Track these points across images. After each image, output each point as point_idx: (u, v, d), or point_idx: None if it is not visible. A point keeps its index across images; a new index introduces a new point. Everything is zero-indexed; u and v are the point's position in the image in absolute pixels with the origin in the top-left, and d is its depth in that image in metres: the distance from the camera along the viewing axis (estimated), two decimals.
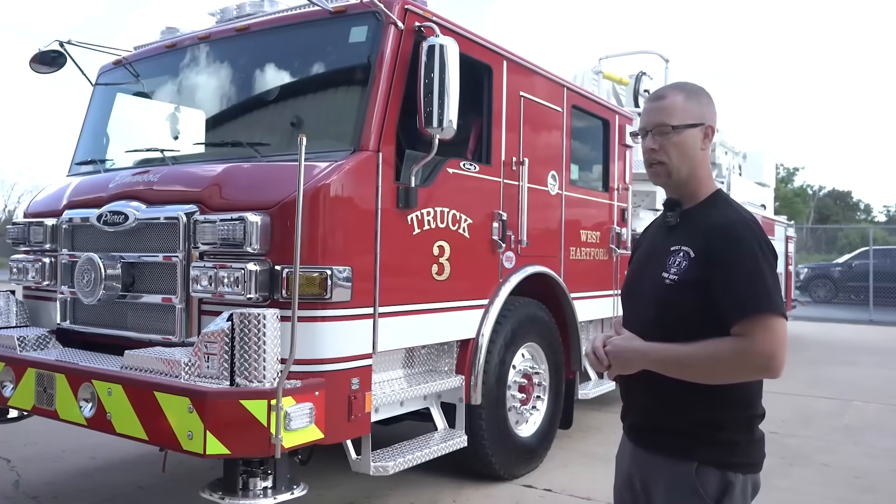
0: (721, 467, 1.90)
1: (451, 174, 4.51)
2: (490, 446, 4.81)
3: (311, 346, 3.57)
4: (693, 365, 1.88)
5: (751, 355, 1.80)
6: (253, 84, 4.51)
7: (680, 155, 2.03)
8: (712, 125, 2.05)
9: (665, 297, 1.99)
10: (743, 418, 1.95)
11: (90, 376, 3.71)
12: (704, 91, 2.09)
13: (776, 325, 1.81)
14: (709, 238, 1.92)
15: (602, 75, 8.39)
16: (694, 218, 2.02)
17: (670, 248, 2.01)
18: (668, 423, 2.00)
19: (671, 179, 2.06)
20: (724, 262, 1.87)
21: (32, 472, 5.13)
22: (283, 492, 3.46)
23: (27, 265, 4.75)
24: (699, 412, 1.93)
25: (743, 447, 1.94)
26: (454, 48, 3.96)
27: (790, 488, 5.02)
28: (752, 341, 1.80)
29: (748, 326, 1.81)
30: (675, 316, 1.96)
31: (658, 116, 2.04)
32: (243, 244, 3.61)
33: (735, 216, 1.96)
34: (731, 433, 1.92)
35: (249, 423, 3.23)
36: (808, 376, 9.89)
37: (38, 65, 5.07)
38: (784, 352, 1.81)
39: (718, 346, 1.83)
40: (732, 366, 1.83)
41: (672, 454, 1.97)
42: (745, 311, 1.81)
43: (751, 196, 12.87)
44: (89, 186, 4.66)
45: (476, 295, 4.76)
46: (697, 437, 1.93)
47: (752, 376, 1.88)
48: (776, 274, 1.89)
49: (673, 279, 1.97)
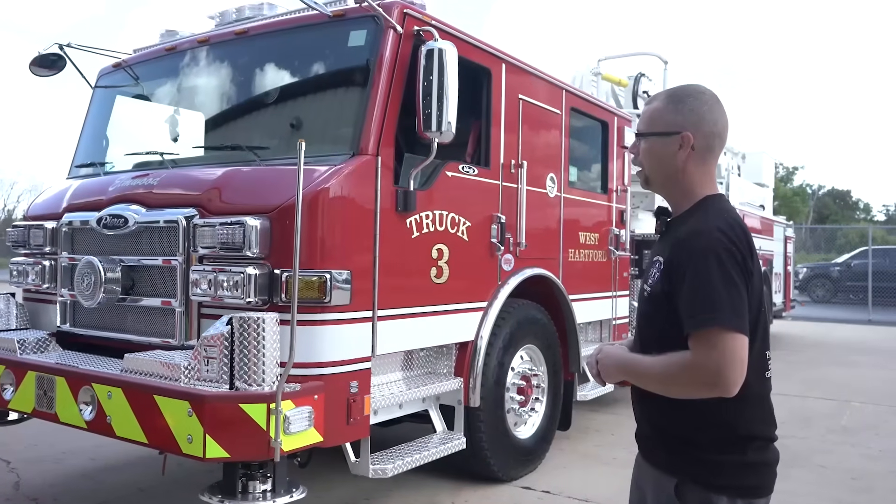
0: (705, 487, 1.84)
1: (450, 177, 4.52)
2: (488, 448, 4.83)
3: (311, 350, 3.58)
4: (651, 377, 1.88)
5: (697, 371, 1.74)
6: (252, 87, 4.52)
7: (651, 162, 2.02)
8: (690, 134, 1.93)
9: (643, 309, 2.00)
10: (727, 439, 1.85)
11: (90, 379, 3.73)
12: (696, 98, 1.96)
13: (724, 341, 1.71)
14: (674, 248, 1.87)
15: (601, 77, 8.40)
16: (674, 227, 1.99)
17: (653, 258, 2.01)
18: (655, 436, 2.00)
19: (650, 186, 2.07)
20: (680, 273, 1.81)
21: (33, 474, 5.14)
22: (283, 495, 3.47)
23: (27, 268, 4.76)
24: (678, 428, 1.90)
25: (730, 469, 1.85)
26: (453, 52, 3.98)
27: (786, 490, 5.02)
28: (698, 357, 1.74)
29: (695, 341, 1.75)
30: (650, 328, 1.96)
31: (640, 122, 2.08)
32: (243, 248, 3.62)
33: (703, 225, 1.85)
34: (714, 454, 1.85)
35: (249, 426, 3.24)
36: (805, 377, 9.91)
37: (37, 68, 5.09)
38: (734, 368, 1.71)
39: (670, 361, 1.80)
40: (682, 381, 1.78)
41: (658, 466, 1.97)
42: (691, 326, 1.76)
43: (750, 196, 12.90)
44: (89, 189, 4.67)
45: (475, 297, 4.78)
46: (679, 454, 1.90)
47: (701, 393, 1.77)
48: (735, 285, 1.75)
49: (648, 290, 1.96)
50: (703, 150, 1.96)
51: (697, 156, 1.96)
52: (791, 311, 15.40)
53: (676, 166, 1.96)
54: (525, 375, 5.30)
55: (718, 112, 1.98)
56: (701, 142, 1.95)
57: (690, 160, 1.95)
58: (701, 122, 1.94)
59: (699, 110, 1.95)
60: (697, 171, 1.98)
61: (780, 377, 9.76)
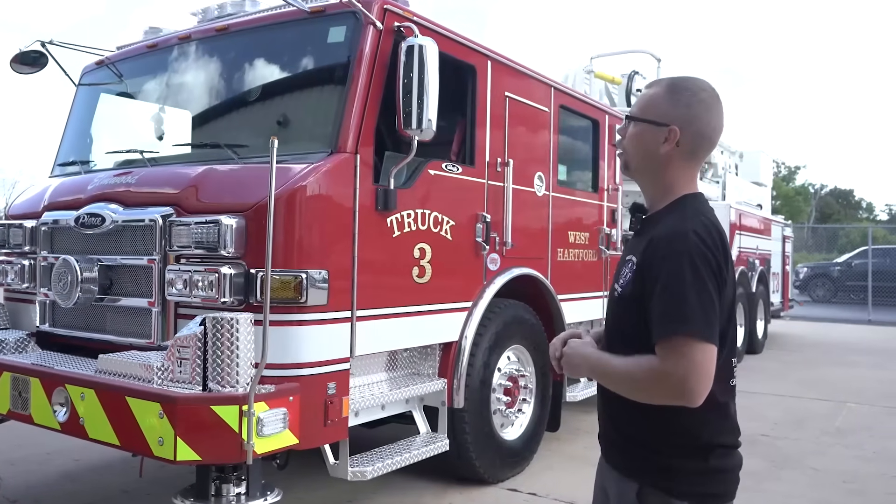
0: (666, 493, 1.80)
1: (433, 175, 4.46)
2: (474, 450, 4.77)
3: (286, 351, 3.53)
4: (616, 379, 1.82)
5: (662, 379, 1.69)
6: (232, 85, 4.47)
7: (634, 148, 1.94)
8: (677, 130, 1.85)
9: (614, 310, 1.94)
10: (689, 446, 1.81)
11: (63, 380, 3.68)
12: (696, 94, 1.88)
13: (691, 351, 1.66)
14: (646, 249, 1.81)
15: (594, 75, 8.34)
16: (650, 225, 1.91)
17: (626, 257, 1.94)
18: (617, 439, 1.95)
19: (629, 171, 1.98)
20: (652, 276, 1.75)
21: (16, 475, 5.09)
22: (257, 498, 3.43)
23: (6, 267, 4.71)
24: (642, 433, 1.85)
25: (692, 476, 1.80)
26: (433, 48, 3.92)
27: (778, 491, 4.97)
28: (664, 364, 1.69)
29: (662, 349, 1.70)
30: (619, 329, 1.90)
31: (635, 103, 2.00)
32: (218, 247, 3.57)
33: (678, 226, 1.77)
34: (675, 459, 1.81)
35: (220, 428, 3.19)
36: (802, 377, 9.84)
37: (19, 65, 5.04)
38: (699, 379, 1.66)
39: (637, 364, 1.74)
40: (646, 386, 1.74)
41: (620, 470, 1.91)
42: (660, 332, 1.70)
43: (747, 196, 12.83)
44: (69, 188, 4.62)
45: (459, 297, 4.72)
46: (641, 459, 1.85)
47: (665, 400, 1.72)
48: (709, 292, 1.70)
49: (619, 291, 1.90)
50: (687, 149, 1.89)
51: (681, 153, 1.89)
52: (789, 311, 15.34)
53: (658, 159, 1.90)
54: (512, 376, 5.24)
55: (713, 113, 1.90)
56: (687, 140, 1.87)
57: (674, 156, 1.89)
58: (692, 121, 1.87)
59: (694, 107, 1.87)
60: (679, 168, 1.91)
61: (776, 377, 9.73)
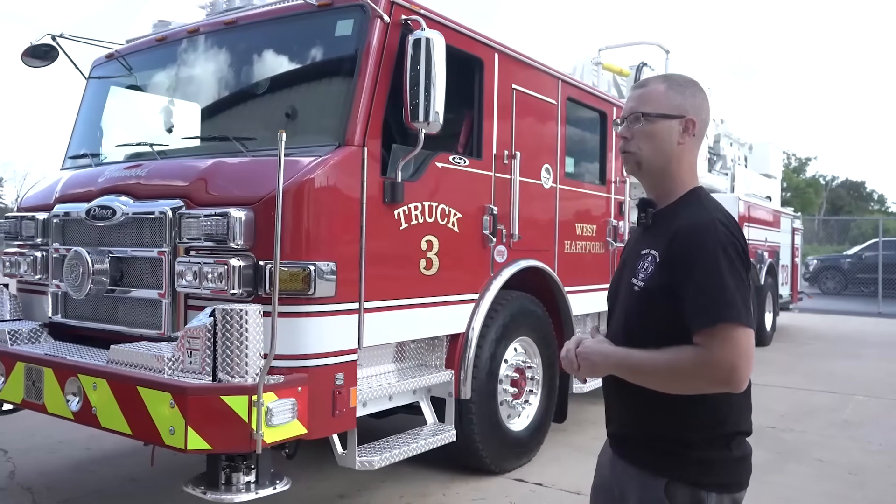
0: (693, 485, 1.82)
1: (440, 168, 4.48)
2: (480, 440, 4.81)
3: (295, 342, 3.57)
4: (652, 372, 1.81)
5: (710, 367, 1.71)
6: (240, 78, 4.50)
7: (651, 146, 1.94)
8: (694, 119, 1.93)
9: (633, 304, 1.94)
10: (716, 436, 1.84)
11: (76, 371, 3.73)
12: (694, 85, 1.97)
13: (738, 337, 1.70)
14: (672, 241, 1.82)
15: (602, 66, 8.31)
16: (665, 219, 1.93)
17: (641, 251, 1.95)
18: (639, 436, 1.94)
19: (641, 171, 1.99)
20: (685, 267, 1.77)
21: (28, 464, 5.18)
22: (266, 486, 3.48)
23: (19, 259, 4.77)
24: (667, 427, 1.86)
25: (718, 466, 1.84)
26: (440, 41, 3.94)
27: (782, 483, 4.99)
28: (712, 352, 1.71)
29: (708, 337, 1.72)
30: (641, 323, 1.90)
31: (635, 104, 1.98)
32: (227, 239, 3.61)
33: (702, 217, 1.83)
34: (703, 451, 1.83)
35: (230, 418, 3.24)
36: (810, 370, 9.83)
37: (30, 59, 5.07)
38: (747, 364, 1.71)
39: (678, 355, 1.75)
40: (691, 376, 1.75)
41: (643, 467, 1.91)
42: (705, 321, 1.72)
43: (756, 188, 12.79)
44: (80, 181, 4.67)
45: (466, 289, 4.75)
46: (667, 454, 1.85)
47: (711, 389, 1.75)
48: (743, 280, 1.76)
49: (640, 285, 1.90)
50: (697, 139, 1.97)
51: (692, 143, 1.96)
52: (798, 303, 15.30)
53: (674, 152, 1.94)
54: (519, 368, 5.27)
55: (708, 104, 2.01)
56: (699, 129, 1.95)
57: (686, 146, 1.95)
58: (700, 110, 1.95)
59: (698, 97, 1.96)
60: (688, 159, 1.98)
61: (785, 370, 9.72)
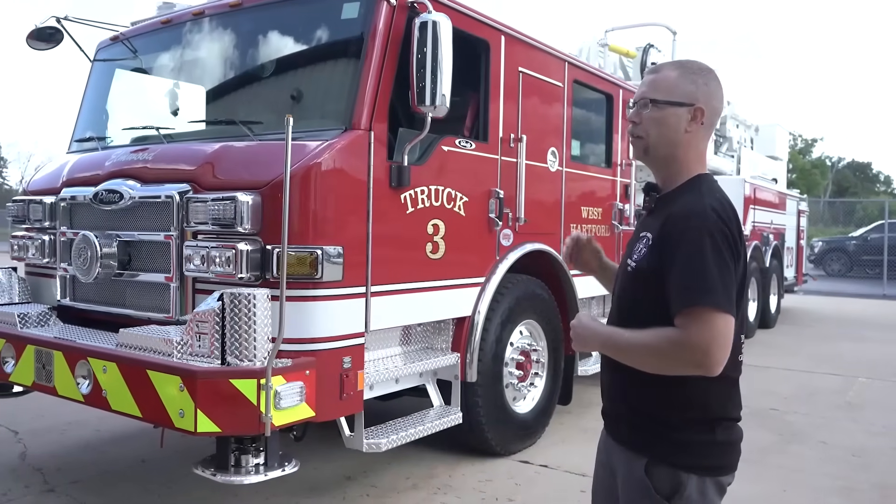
0: (675, 466, 1.86)
1: (446, 152, 4.48)
2: (486, 423, 4.85)
3: (302, 326, 3.59)
4: (632, 351, 1.85)
5: (685, 349, 1.73)
6: (246, 61, 4.48)
7: (658, 132, 1.96)
8: (703, 108, 1.94)
9: (626, 284, 1.98)
10: (699, 419, 1.87)
11: (86, 354, 3.76)
12: (708, 73, 1.98)
13: (715, 321, 1.72)
14: (664, 225, 1.86)
15: (608, 48, 8.26)
16: (665, 204, 1.95)
17: (640, 233, 1.99)
18: (623, 414, 1.99)
19: (648, 156, 2.01)
20: (670, 250, 1.81)
21: (38, 445, 5.23)
22: (275, 468, 3.51)
23: (27, 242, 4.80)
24: (650, 407, 1.90)
25: (698, 448, 1.87)
26: (447, 24, 3.91)
27: (785, 465, 5.02)
28: (688, 334, 1.73)
29: (684, 319, 1.74)
30: (632, 303, 1.94)
31: (646, 89, 1.99)
32: (235, 224, 3.62)
33: (696, 203, 1.85)
34: (683, 433, 1.86)
35: (239, 401, 3.26)
36: (814, 352, 9.85)
37: (35, 41, 5.07)
38: (720, 349, 1.72)
39: (656, 336, 1.79)
40: (667, 357, 1.77)
41: (627, 446, 1.96)
42: (683, 303, 1.75)
43: (762, 170, 12.73)
44: (87, 164, 4.68)
45: (472, 273, 4.76)
46: (649, 433, 1.90)
47: (686, 371, 1.77)
48: (728, 267, 1.77)
49: (633, 266, 1.95)
50: (706, 127, 1.99)
51: (701, 131, 1.97)
52: (803, 286, 15.29)
53: (681, 139, 1.96)
54: (524, 351, 5.30)
55: (721, 89, 2.01)
56: (708, 118, 1.96)
57: (694, 134, 1.96)
58: (711, 98, 1.96)
59: (711, 85, 1.97)
60: (696, 147, 1.99)
61: (789, 352, 9.74)
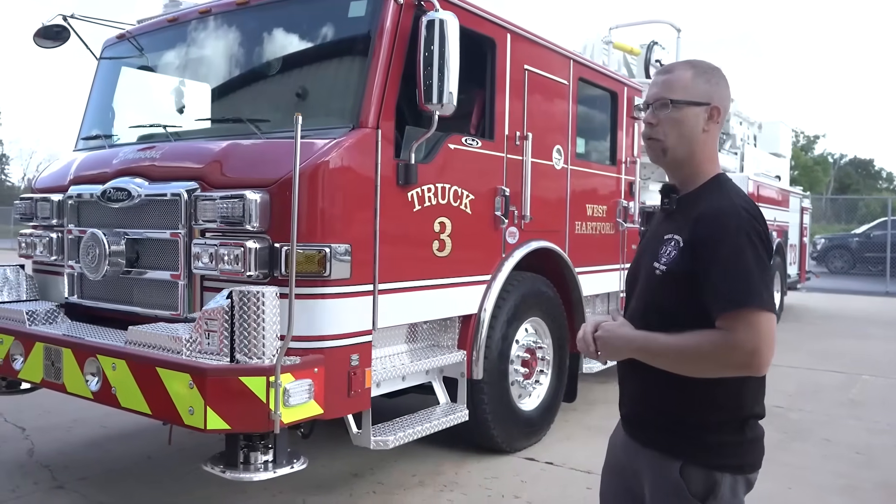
0: (708, 467, 1.86)
1: (453, 150, 4.49)
2: (492, 420, 4.86)
3: (311, 324, 3.61)
4: (675, 356, 1.83)
5: (732, 351, 1.73)
6: (252, 59, 4.49)
7: (678, 133, 1.95)
8: (719, 107, 1.95)
9: (654, 288, 1.95)
10: (732, 419, 1.88)
11: (95, 351, 3.78)
12: (718, 71, 1.99)
13: (760, 321, 1.73)
14: (696, 227, 1.84)
15: (612, 45, 8.26)
16: (689, 204, 1.95)
17: (664, 236, 1.96)
18: (654, 418, 1.97)
19: (666, 158, 1.99)
20: (708, 252, 1.80)
21: (46, 442, 5.26)
22: (284, 465, 3.53)
23: (35, 240, 4.81)
24: (683, 410, 1.88)
25: (732, 448, 1.88)
26: (454, 22, 3.92)
27: (788, 463, 5.03)
28: (735, 337, 1.73)
29: (731, 321, 1.74)
30: (663, 307, 1.92)
31: (660, 90, 1.98)
32: (243, 222, 3.63)
33: (726, 204, 1.86)
34: (719, 434, 1.87)
35: (249, 398, 3.28)
36: (817, 349, 9.86)
37: (42, 39, 5.09)
38: (769, 349, 1.73)
39: (701, 339, 1.78)
40: (713, 360, 1.77)
41: (658, 449, 1.94)
42: (727, 306, 1.75)
43: (766, 167, 12.73)
44: (94, 162, 4.69)
45: (478, 271, 4.78)
46: (683, 436, 1.89)
47: (733, 372, 1.78)
48: (766, 266, 1.80)
49: (662, 269, 1.92)
50: (720, 126, 1.99)
51: (715, 130, 1.99)
52: (806, 283, 15.29)
53: (699, 139, 1.96)
54: (530, 348, 5.32)
55: (729, 90, 2.04)
56: (723, 117, 1.98)
57: (710, 134, 1.98)
58: (724, 97, 1.98)
59: (722, 84, 1.99)
60: (711, 146, 2.00)
61: (791, 349, 9.74)
